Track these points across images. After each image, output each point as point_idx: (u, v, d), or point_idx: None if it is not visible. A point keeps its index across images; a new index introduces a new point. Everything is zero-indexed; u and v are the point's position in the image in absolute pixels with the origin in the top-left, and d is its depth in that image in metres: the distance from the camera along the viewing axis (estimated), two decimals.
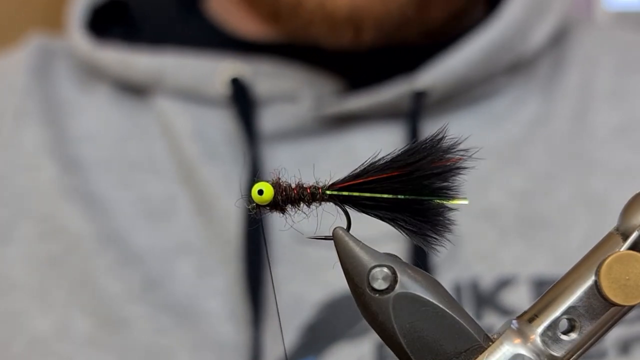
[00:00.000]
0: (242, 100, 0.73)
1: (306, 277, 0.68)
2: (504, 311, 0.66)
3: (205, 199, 0.71)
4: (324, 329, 0.66)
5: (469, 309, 0.66)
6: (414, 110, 0.71)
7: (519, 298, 0.66)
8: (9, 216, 0.72)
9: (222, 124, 0.74)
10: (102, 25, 0.80)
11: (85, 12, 0.80)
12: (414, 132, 0.71)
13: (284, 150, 0.73)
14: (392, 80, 0.72)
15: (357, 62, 0.74)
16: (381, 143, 0.72)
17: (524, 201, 0.70)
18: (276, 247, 0.69)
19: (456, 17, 0.75)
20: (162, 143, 0.74)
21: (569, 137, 0.73)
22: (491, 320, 0.66)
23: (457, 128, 0.72)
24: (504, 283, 0.67)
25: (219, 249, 0.70)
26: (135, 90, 0.77)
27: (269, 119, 0.73)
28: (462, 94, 0.74)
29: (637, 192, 0.37)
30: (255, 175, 0.69)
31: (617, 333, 0.65)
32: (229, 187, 0.70)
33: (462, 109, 0.74)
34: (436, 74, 0.71)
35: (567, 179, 0.71)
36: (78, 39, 0.78)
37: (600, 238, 0.71)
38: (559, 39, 0.79)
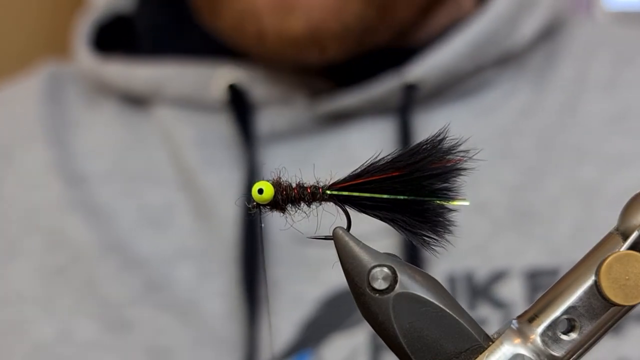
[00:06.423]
0: (239, 104, 0.74)
1: (305, 277, 0.69)
2: (497, 303, 0.67)
3: (205, 204, 0.72)
4: (321, 324, 0.68)
5: (463, 301, 0.67)
6: (405, 104, 0.72)
7: (512, 290, 0.67)
8: (17, 232, 0.74)
9: (220, 130, 0.75)
10: (107, 42, 0.82)
11: (91, 31, 0.82)
12: (405, 126, 0.72)
13: (281, 151, 0.74)
14: (382, 76, 0.72)
15: (347, 62, 0.74)
16: (374, 138, 0.73)
17: (515, 194, 0.71)
18: (275, 248, 0.70)
19: (426, 11, 0.75)
20: (162, 152, 0.76)
21: (559, 128, 0.74)
22: (485, 312, 0.67)
23: (447, 120, 0.73)
24: (498, 276, 0.68)
25: (219, 252, 0.71)
26: (138, 101, 0.78)
27: (265, 121, 0.74)
28: (452, 87, 0.75)
29: (637, 192, 0.37)
30: (252, 176, 0.70)
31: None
32: (228, 192, 0.71)
33: (453, 102, 0.75)
34: (425, 67, 0.72)
35: (557, 170, 0.72)
36: (84, 56, 0.80)
37: (594, 226, 0.71)
38: (553, 33, 0.79)
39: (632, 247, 0.36)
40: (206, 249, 0.71)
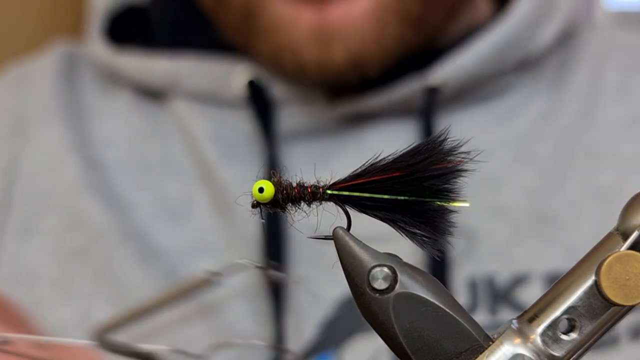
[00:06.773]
0: (259, 100, 0.74)
1: (324, 275, 0.69)
2: (518, 307, 0.68)
3: (224, 199, 0.72)
4: (342, 325, 0.68)
5: (485, 305, 0.68)
6: (427, 107, 0.72)
7: (533, 294, 0.68)
8: (34, 211, 0.75)
9: (239, 125, 0.75)
10: (121, 32, 0.82)
11: (105, 20, 0.82)
12: (427, 129, 0.72)
13: (301, 149, 0.74)
14: (404, 79, 0.73)
15: None
16: (395, 140, 0.73)
17: (535, 198, 0.72)
18: (294, 246, 0.70)
19: (453, 16, 0.76)
20: (180, 145, 0.76)
21: (577, 133, 0.75)
22: (506, 316, 0.68)
23: (468, 124, 0.74)
24: (519, 280, 0.69)
25: (238, 247, 0.71)
26: (153, 94, 0.78)
27: (285, 119, 0.74)
28: (473, 90, 0.75)
29: (637, 192, 0.37)
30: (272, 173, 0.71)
31: (629, 320, 0.66)
32: (247, 188, 0.71)
33: (474, 106, 0.75)
34: (448, 70, 0.72)
35: (575, 174, 0.73)
36: (98, 47, 0.80)
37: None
38: (567, 39, 0.80)
39: (632, 247, 0.36)
40: (225, 243, 0.72)
